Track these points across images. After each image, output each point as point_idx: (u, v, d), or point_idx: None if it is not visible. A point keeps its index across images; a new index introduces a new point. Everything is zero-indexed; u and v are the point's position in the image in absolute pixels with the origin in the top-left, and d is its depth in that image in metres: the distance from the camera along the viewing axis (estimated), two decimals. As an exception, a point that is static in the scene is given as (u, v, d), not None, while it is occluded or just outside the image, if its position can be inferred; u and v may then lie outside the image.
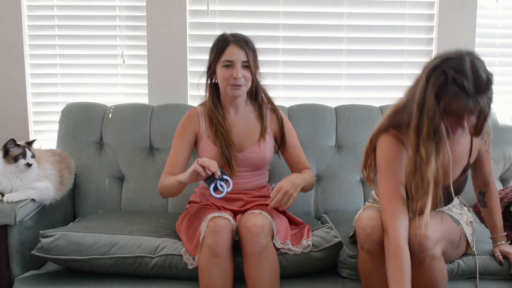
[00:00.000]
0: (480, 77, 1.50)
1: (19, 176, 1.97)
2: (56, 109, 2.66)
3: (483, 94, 1.51)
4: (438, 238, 1.66)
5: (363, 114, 2.49)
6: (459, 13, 2.68)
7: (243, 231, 1.75)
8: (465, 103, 1.51)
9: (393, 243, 1.61)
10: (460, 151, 1.78)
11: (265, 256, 1.73)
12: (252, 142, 2.05)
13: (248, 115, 2.09)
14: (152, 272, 1.86)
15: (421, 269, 1.66)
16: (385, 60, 2.76)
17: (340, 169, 2.42)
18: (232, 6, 2.70)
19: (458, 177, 1.82)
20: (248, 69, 1.96)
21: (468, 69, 1.51)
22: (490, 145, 1.87)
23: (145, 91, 2.71)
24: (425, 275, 1.67)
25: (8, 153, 1.95)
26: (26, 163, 1.96)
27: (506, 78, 2.83)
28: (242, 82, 1.95)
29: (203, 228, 1.75)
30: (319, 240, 1.90)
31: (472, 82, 1.50)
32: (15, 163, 1.95)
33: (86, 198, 2.38)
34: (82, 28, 2.70)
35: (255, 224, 1.74)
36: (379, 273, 1.71)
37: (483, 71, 1.52)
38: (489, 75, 1.53)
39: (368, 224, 1.70)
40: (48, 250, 1.82)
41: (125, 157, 2.42)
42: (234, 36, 1.98)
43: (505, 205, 2.08)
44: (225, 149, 1.99)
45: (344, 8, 2.72)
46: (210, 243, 1.71)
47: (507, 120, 2.49)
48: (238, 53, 1.94)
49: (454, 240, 1.78)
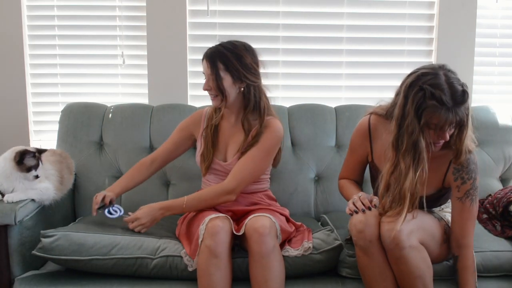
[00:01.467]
0: (456, 90, 1.61)
1: (21, 180, 1.97)
2: (56, 109, 2.66)
3: (461, 105, 1.61)
4: (411, 229, 1.69)
5: (363, 114, 2.48)
6: (459, 13, 2.68)
7: (250, 232, 1.75)
8: (445, 116, 1.60)
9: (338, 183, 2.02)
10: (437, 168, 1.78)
11: (272, 257, 1.74)
12: (233, 153, 2.03)
13: (236, 126, 2.05)
14: (153, 273, 1.86)
15: (402, 262, 1.68)
16: (385, 60, 2.76)
17: (340, 169, 2.41)
18: (232, 6, 2.70)
19: (432, 194, 1.84)
20: (218, 81, 1.93)
21: (444, 83, 1.61)
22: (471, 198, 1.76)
23: (145, 91, 2.71)
24: (408, 267, 1.69)
25: (23, 162, 1.94)
26: (36, 175, 1.96)
27: (506, 78, 2.83)
28: (213, 93, 1.97)
29: (201, 230, 1.75)
30: (319, 242, 1.90)
31: (449, 95, 1.60)
32: (27, 173, 1.94)
33: (86, 198, 2.37)
34: (82, 28, 2.70)
35: (263, 225, 1.75)
36: (375, 268, 1.74)
37: (458, 83, 1.63)
38: (463, 86, 1.63)
39: (360, 220, 1.72)
40: (49, 250, 1.82)
41: (125, 157, 2.42)
42: (209, 49, 1.98)
43: (504, 204, 2.08)
44: (206, 152, 2.05)
45: (344, 8, 2.71)
46: (209, 244, 1.72)
47: (507, 120, 2.49)
48: (205, 67, 1.97)
49: (435, 233, 1.80)
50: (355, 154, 1.97)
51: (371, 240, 1.71)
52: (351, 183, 2.01)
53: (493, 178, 2.43)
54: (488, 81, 2.83)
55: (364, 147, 1.93)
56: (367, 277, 1.77)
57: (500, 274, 1.92)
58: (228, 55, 1.94)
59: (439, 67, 1.66)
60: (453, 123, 1.62)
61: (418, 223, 1.73)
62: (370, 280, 1.77)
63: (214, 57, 1.95)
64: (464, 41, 2.68)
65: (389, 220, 1.70)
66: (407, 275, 1.70)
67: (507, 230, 2.03)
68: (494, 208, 2.14)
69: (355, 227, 1.73)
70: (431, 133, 1.66)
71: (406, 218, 1.69)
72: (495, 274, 1.92)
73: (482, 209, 2.20)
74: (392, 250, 1.68)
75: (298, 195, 2.37)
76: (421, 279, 1.70)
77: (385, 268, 1.74)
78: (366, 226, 1.71)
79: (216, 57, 1.94)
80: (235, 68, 1.94)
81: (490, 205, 2.17)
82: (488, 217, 2.14)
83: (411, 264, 1.68)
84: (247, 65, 1.95)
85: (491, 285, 1.90)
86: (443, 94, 1.59)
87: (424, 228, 1.76)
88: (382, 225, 1.71)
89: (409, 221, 1.71)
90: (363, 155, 1.95)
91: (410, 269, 1.69)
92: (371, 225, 1.72)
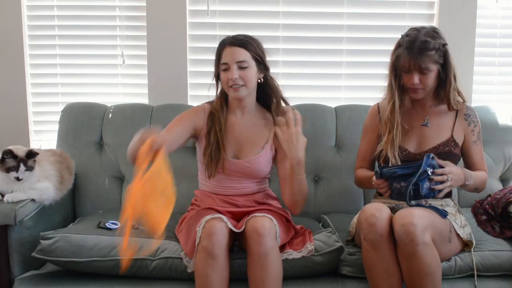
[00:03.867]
0: (418, 38, 1.85)
1: (12, 180, 1.96)
2: (56, 109, 2.66)
3: (422, 51, 1.84)
4: (425, 225, 1.70)
5: (363, 114, 2.46)
6: (459, 13, 2.67)
7: (250, 232, 1.75)
8: (407, 58, 1.85)
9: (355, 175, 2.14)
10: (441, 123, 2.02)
11: (270, 258, 1.73)
12: (252, 151, 2.01)
13: (255, 121, 2.05)
14: (153, 274, 1.86)
15: (415, 258, 1.69)
16: (385, 60, 2.70)
17: (340, 169, 2.41)
18: (232, 6, 2.69)
19: (441, 145, 1.97)
20: (246, 69, 1.92)
21: (415, 34, 1.88)
22: (480, 139, 2.04)
23: (145, 91, 2.71)
24: (420, 263, 1.69)
25: (3, 162, 1.94)
26: (16, 177, 1.94)
27: (506, 78, 2.83)
28: (239, 82, 1.91)
29: (198, 231, 1.75)
30: (320, 244, 1.90)
31: (412, 41, 1.85)
32: (7, 173, 1.94)
33: (86, 198, 2.38)
34: (82, 28, 2.70)
35: (263, 226, 1.74)
36: (382, 263, 1.74)
37: (427, 35, 1.87)
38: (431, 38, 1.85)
39: (373, 214, 1.74)
40: (48, 252, 1.82)
41: (125, 157, 2.38)
42: (232, 37, 1.95)
43: (503, 205, 2.08)
44: (214, 151, 1.96)
45: (344, 8, 2.71)
46: (206, 245, 1.71)
47: (507, 120, 2.49)
48: (232, 53, 1.91)
49: (443, 232, 1.81)
50: (368, 136, 2.11)
51: (382, 234, 1.72)
52: (366, 170, 2.10)
53: (493, 178, 2.42)
54: (488, 81, 2.82)
55: (375, 126, 2.08)
56: (373, 273, 1.77)
57: (500, 274, 1.92)
58: (254, 43, 1.94)
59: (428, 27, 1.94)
60: (418, 67, 1.85)
61: (431, 219, 1.76)
62: (375, 277, 1.77)
63: (248, 45, 1.92)
64: (464, 41, 2.67)
65: (403, 215, 1.71)
66: (418, 272, 1.70)
67: (506, 231, 2.03)
68: (493, 209, 2.14)
69: (367, 220, 1.74)
70: (404, 77, 1.91)
71: (419, 211, 1.73)
72: (495, 274, 1.92)
73: (481, 210, 2.20)
74: (406, 246, 1.69)
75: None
76: (431, 277, 1.70)
77: (392, 264, 1.74)
78: (378, 220, 1.72)
79: (247, 44, 1.92)
80: (260, 57, 1.95)
81: (489, 206, 2.17)
82: (487, 218, 2.14)
83: (423, 261, 1.69)
84: (265, 55, 1.98)
85: (491, 285, 1.90)
86: (408, 41, 1.86)
87: (435, 225, 1.77)
88: (395, 219, 1.73)
89: (423, 214, 1.73)
90: (375, 135, 2.08)
91: (422, 266, 1.69)
92: (383, 219, 1.73)
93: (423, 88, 1.92)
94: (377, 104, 2.12)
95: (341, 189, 2.40)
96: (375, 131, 2.08)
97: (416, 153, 1.97)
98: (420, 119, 2.03)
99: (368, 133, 2.12)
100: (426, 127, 2.01)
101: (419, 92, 1.94)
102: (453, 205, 2.00)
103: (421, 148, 1.99)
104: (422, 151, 1.97)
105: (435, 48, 1.86)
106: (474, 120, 2.02)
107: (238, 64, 1.91)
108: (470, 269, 1.90)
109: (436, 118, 2.02)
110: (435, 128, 2.01)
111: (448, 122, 2.02)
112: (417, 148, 1.99)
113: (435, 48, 1.86)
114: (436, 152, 1.93)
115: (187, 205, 2.21)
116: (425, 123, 2.01)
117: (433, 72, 1.89)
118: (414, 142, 2.00)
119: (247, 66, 1.92)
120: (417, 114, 2.04)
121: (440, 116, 2.03)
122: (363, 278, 1.86)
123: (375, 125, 2.08)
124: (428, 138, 2.00)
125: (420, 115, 2.03)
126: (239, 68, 1.91)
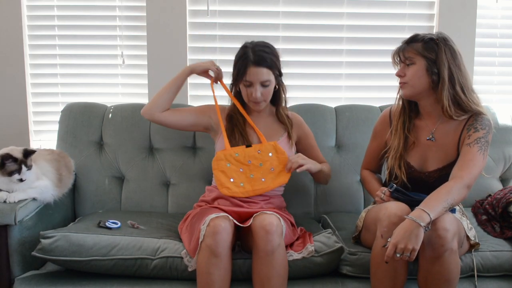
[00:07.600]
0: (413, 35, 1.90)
1: (11, 182, 1.95)
2: (56, 109, 2.66)
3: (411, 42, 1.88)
4: (455, 231, 1.69)
5: (363, 114, 2.49)
6: (459, 13, 2.68)
7: (257, 229, 1.75)
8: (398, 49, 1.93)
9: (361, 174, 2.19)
10: (447, 142, 1.92)
11: (276, 255, 1.74)
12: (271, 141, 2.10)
13: (269, 118, 2.17)
14: (153, 273, 1.86)
15: (439, 263, 1.67)
16: (385, 60, 2.73)
17: (340, 169, 2.41)
18: (232, 6, 2.70)
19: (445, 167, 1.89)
20: (268, 86, 2.02)
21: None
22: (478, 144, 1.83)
23: (145, 91, 2.71)
24: (442, 269, 1.67)
25: (4, 167, 1.92)
26: (20, 178, 1.94)
27: (506, 78, 2.83)
28: (260, 100, 2.03)
29: (202, 229, 1.75)
30: (320, 245, 1.90)
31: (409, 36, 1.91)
32: (9, 176, 1.93)
33: (86, 198, 2.38)
34: (82, 28, 2.70)
35: (271, 223, 1.75)
36: (394, 262, 1.69)
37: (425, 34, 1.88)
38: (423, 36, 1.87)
39: (396, 213, 1.72)
40: (49, 251, 1.82)
41: (125, 157, 2.42)
42: (257, 55, 1.99)
43: (503, 205, 2.08)
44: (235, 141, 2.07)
45: (344, 8, 2.72)
46: (210, 244, 1.72)
47: (507, 120, 2.49)
48: (257, 74, 1.99)
49: (461, 237, 1.80)
50: (376, 141, 2.11)
51: None
52: (372, 176, 2.13)
53: (493, 178, 2.43)
54: (488, 81, 2.83)
55: (384, 132, 2.06)
56: (381, 273, 1.74)
57: (500, 274, 1.92)
58: (274, 58, 2.04)
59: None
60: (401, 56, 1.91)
61: (457, 225, 1.73)
62: (382, 276, 1.74)
63: (269, 64, 2.01)
64: (464, 41, 2.67)
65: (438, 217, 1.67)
66: (438, 277, 1.68)
67: (507, 231, 2.03)
68: (493, 209, 2.14)
69: (389, 218, 1.71)
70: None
71: (449, 216, 1.69)
72: (495, 274, 1.92)
73: (481, 210, 2.21)
74: (434, 249, 1.66)
75: (298, 195, 2.37)
76: (448, 284, 1.69)
77: (403, 265, 1.73)
78: (401, 220, 1.67)
79: (271, 64, 2.01)
80: (279, 70, 2.08)
81: (489, 206, 2.17)
82: (488, 218, 2.15)
83: (446, 267, 1.67)
84: (280, 62, 2.09)
85: (491, 285, 1.90)
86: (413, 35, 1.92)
87: (459, 232, 1.75)
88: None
89: (452, 218, 1.70)
90: (383, 141, 2.06)
91: (443, 272, 1.67)
92: None
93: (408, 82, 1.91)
94: (389, 110, 2.07)
95: (341, 189, 2.40)
96: (384, 137, 2.06)
97: (422, 172, 1.93)
98: (426, 133, 1.95)
99: (376, 138, 2.11)
100: (431, 141, 1.94)
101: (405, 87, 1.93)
102: (459, 209, 1.98)
103: (426, 167, 1.93)
104: (427, 171, 1.92)
105: (424, 40, 1.86)
106: (477, 126, 1.86)
107: (262, 83, 2.00)
108: (470, 270, 1.89)
109: (444, 134, 1.92)
110: (440, 147, 1.92)
111: (455, 138, 1.91)
112: (423, 166, 1.94)
113: (423, 40, 1.86)
114: (439, 174, 1.90)
115: (187, 205, 2.22)
116: (431, 138, 1.94)
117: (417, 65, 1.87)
118: (418, 157, 1.95)
119: (269, 84, 2.02)
120: (426, 126, 1.96)
121: (447, 134, 1.92)
122: (363, 278, 1.86)
123: (384, 132, 2.06)
124: (432, 158, 1.93)
125: (427, 128, 1.96)
126: (261, 86, 2.00)
